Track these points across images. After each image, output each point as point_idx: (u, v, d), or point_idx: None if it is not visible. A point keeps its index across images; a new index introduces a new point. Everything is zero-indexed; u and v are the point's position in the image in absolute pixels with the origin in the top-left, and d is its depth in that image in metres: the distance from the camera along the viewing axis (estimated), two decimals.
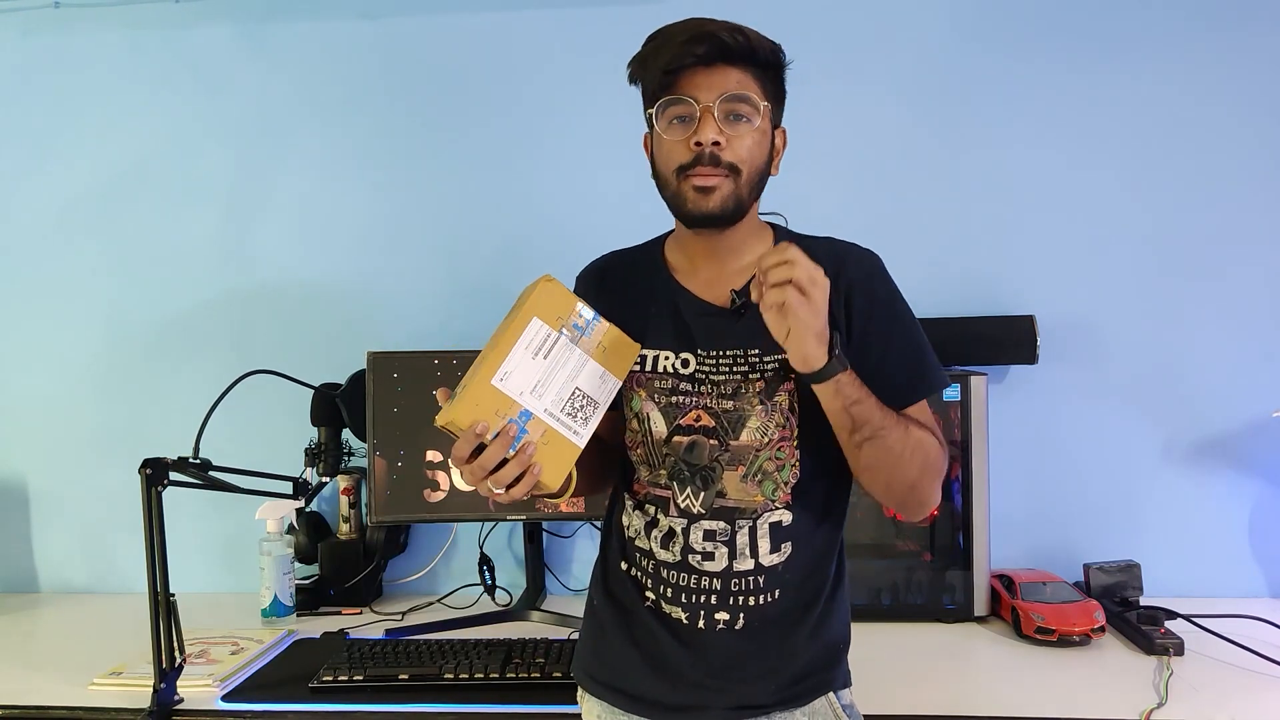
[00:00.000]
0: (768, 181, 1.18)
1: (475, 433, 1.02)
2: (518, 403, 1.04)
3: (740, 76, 1.10)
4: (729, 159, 1.09)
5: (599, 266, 1.29)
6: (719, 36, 1.07)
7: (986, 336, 1.87)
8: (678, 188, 1.12)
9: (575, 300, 1.10)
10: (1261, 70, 1.88)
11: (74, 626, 1.89)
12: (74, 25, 2.11)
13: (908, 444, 1.09)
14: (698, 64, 1.08)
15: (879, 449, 1.08)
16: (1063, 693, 1.43)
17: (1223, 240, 1.90)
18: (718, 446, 1.14)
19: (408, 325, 2.06)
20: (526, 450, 1.03)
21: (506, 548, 2.06)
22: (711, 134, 1.08)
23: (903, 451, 1.09)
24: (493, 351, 1.05)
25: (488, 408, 1.03)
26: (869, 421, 1.06)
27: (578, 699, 1.28)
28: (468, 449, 1.03)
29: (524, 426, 1.04)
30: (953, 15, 1.95)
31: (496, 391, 1.04)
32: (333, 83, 2.08)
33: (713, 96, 1.08)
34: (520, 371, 1.05)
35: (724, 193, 1.10)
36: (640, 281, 1.23)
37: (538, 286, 1.09)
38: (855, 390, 1.05)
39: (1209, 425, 1.90)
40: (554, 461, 1.06)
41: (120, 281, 2.12)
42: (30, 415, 2.14)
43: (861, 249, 1.20)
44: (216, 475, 1.57)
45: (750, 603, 1.14)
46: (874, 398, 1.07)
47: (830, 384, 1.04)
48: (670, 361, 1.17)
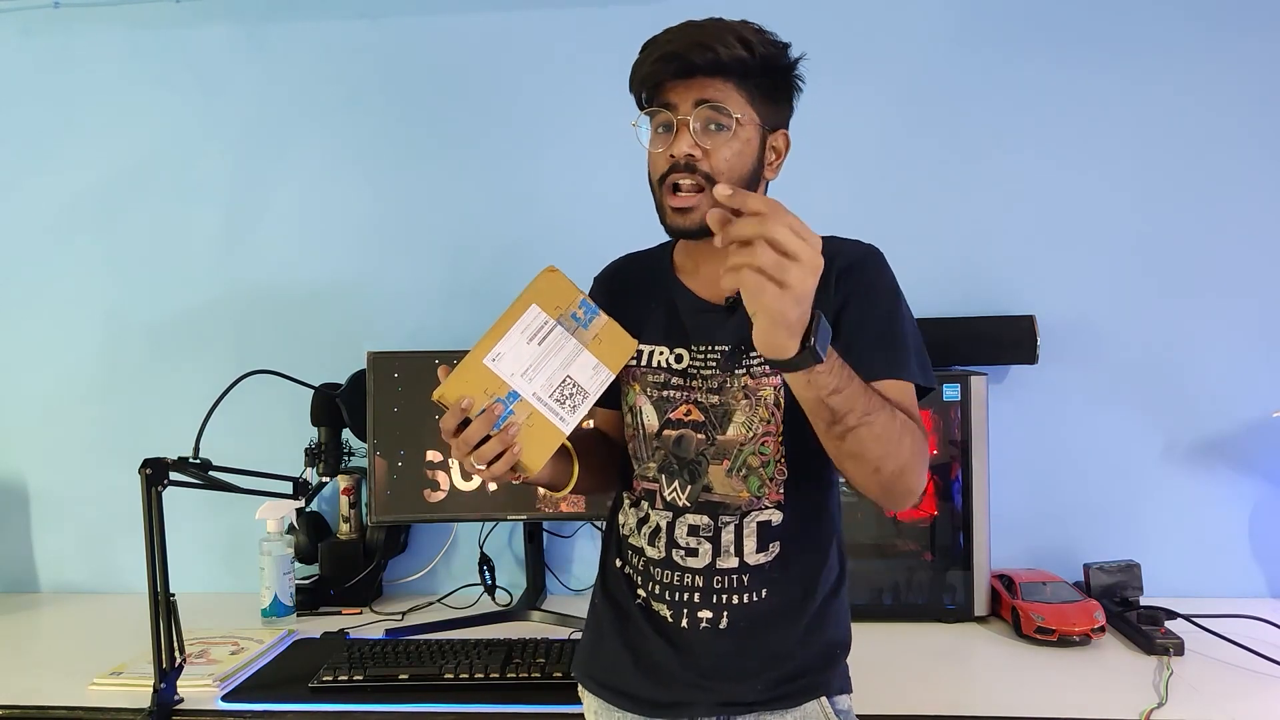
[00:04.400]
0: (766, 185, 1.18)
1: (461, 407, 1.05)
2: (507, 384, 1.08)
3: (719, 86, 1.09)
4: (705, 169, 1.09)
5: (613, 268, 1.32)
6: (687, 56, 1.08)
7: (986, 336, 1.87)
8: (660, 200, 1.14)
9: (577, 293, 1.12)
10: (1260, 71, 1.88)
11: (74, 626, 1.89)
12: (74, 25, 2.11)
13: (893, 429, 1.00)
14: (673, 78, 1.10)
15: (863, 437, 0.98)
16: (1063, 693, 1.43)
17: (1223, 240, 1.90)
18: (705, 440, 1.15)
19: (408, 325, 2.06)
20: (509, 430, 1.06)
21: (506, 548, 2.06)
22: (685, 147, 1.09)
23: (889, 439, 1.00)
24: (490, 333, 1.09)
25: (477, 385, 1.07)
26: (851, 410, 0.97)
27: (579, 695, 1.29)
28: (454, 423, 1.06)
29: (510, 407, 1.07)
30: (954, 16, 1.95)
31: (487, 370, 1.08)
32: (333, 83, 2.08)
33: (689, 108, 1.09)
34: (513, 354, 1.09)
35: (700, 213, 1.09)
36: (647, 282, 1.25)
37: (541, 276, 1.12)
38: (833, 379, 0.95)
39: (1209, 425, 1.90)
40: (536, 444, 1.08)
41: (120, 281, 2.12)
42: (30, 415, 2.14)
43: (859, 242, 1.19)
44: (216, 475, 1.57)
45: (734, 601, 1.14)
46: (857, 381, 0.98)
47: (801, 374, 0.94)
48: (664, 356, 1.18)
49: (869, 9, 1.96)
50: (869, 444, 0.99)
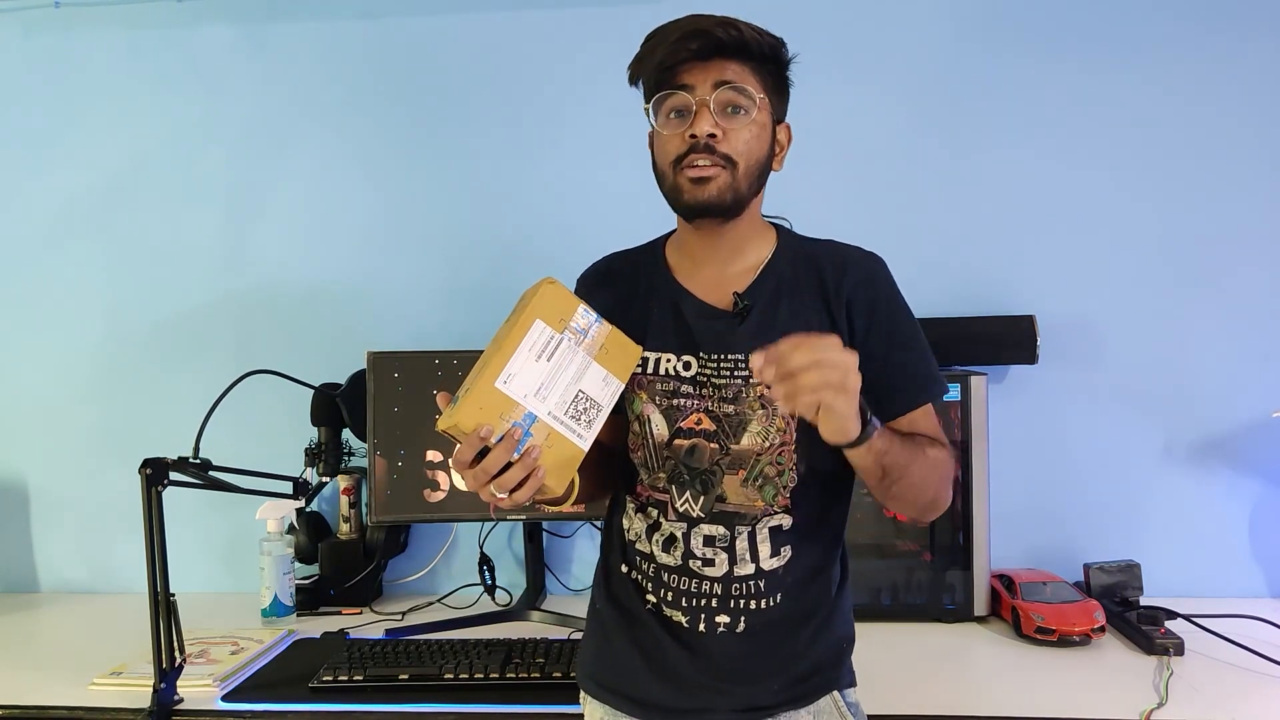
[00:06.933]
0: (769, 178, 1.18)
1: (479, 436, 0.99)
2: (522, 405, 1.02)
3: (737, 69, 1.10)
4: (725, 150, 1.09)
5: (601, 268, 1.28)
6: (713, 32, 1.08)
7: (986, 336, 1.87)
8: (675, 180, 1.12)
9: (577, 302, 1.08)
10: (1261, 72, 1.88)
11: (74, 626, 1.89)
12: (74, 25, 2.11)
13: (928, 467, 1.10)
14: (693, 59, 1.09)
15: (907, 483, 1.08)
16: (1063, 693, 1.43)
17: (1223, 240, 1.90)
18: (718, 450, 1.14)
19: (408, 325, 2.06)
20: (531, 453, 1.00)
21: (506, 548, 2.06)
22: (707, 126, 1.08)
23: (926, 476, 1.10)
24: (496, 354, 1.03)
25: (492, 411, 1.01)
26: (897, 464, 1.05)
27: (580, 701, 1.28)
28: (471, 453, 1.00)
29: (528, 429, 1.02)
30: (955, 16, 1.95)
31: (500, 394, 1.02)
32: (333, 83, 2.08)
33: (708, 89, 1.09)
34: (524, 374, 1.03)
35: (720, 183, 1.10)
36: (642, 282, 1.22)
37: (540, 288, 1.07)
38: (884, 442, 1.03)
39: (1209, 425, 1.90)
40: (558, 465, 1.04)
41: (120, 281, 2.12)
42: (30, 415, 2.14)
43: (865, 252, 1.19)
44: (216, 475, 1.57)
45: (751, 606, 1.14)
46: (898, 437, 1.06)
47: (862, 447, 1.00)
48: (672, 364, 1.17)
49: (871, 9, 1.96)
50: (913, 487, 1.10)
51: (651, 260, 1.24)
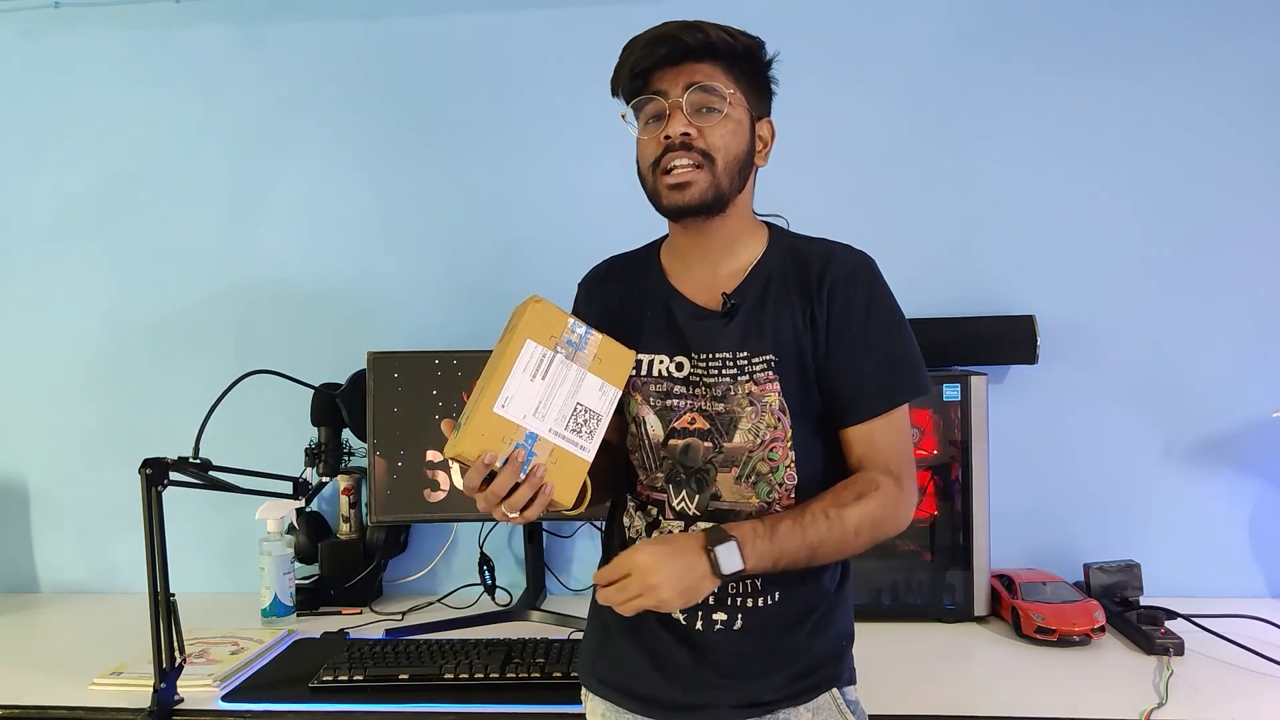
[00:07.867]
0: (757, 175, 1.19)
1: (484, 462, 1.04)
2: (522, 427, 1.06)
3: (707, 69, 1.12)
4: (701, 146, 1.11)
5: (601, 271, 1.31)
6: (679, 36, 1.11)
7: (986, 336, 1.87)
8: (654, 184, 1.14)
9: (566, 316, 1.11)
10: (1260, 72, 1.88)
11: (74, 626, 1.89)
12: (74, 25, 2.11)
13: (847, 536, 1.09)
14: (663, 64, 1.12)
15: (827, 554, 1.10)
16: (1063, 693, 1.43)
17: (1222, 240, 1.90)
18: (712, 449, 1.15)
19: (408, 325, 2.06)
20: (536, 473, 1.05)
21: (506, 548, 2.06)
22: (680, 126, 1.10)
23: (846, 543, 1.10)
24: (492, 378, 1.06)
25: (494, 436, 1.04)
26: (801, 555, 1.07)
27: (581, 699, 1.28)
28: (478, 478, 1.05)
29: (531, 449, 1.05)
30: (954, 17, 1.94)
31: (500, 418, 1.05)
32: (332, 83, 2.08)
33: (679, 91, 1.11)
34: (521, 395, 1.06)
35: (701, 185, 1.11)
36: (637, 285, 1.24)
37: (527, 308, 1.09)
38: (767, 558, 1.05)
39: (1209, 425, 1.90)
40: (565, 479, 1.07)
41: (120, 281, 2.12)
42: (30, 415, 2.14)
43: (853, 250, 1.19)
44: (216, 475, 1.57)
45: (748, 604, 1.15)
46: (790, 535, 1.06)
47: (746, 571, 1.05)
48: (665, 365, 1.18)
49: (868, 12, 1.96)
50: (837, 553, 1.12)
51: (646, 263, 1.26)
